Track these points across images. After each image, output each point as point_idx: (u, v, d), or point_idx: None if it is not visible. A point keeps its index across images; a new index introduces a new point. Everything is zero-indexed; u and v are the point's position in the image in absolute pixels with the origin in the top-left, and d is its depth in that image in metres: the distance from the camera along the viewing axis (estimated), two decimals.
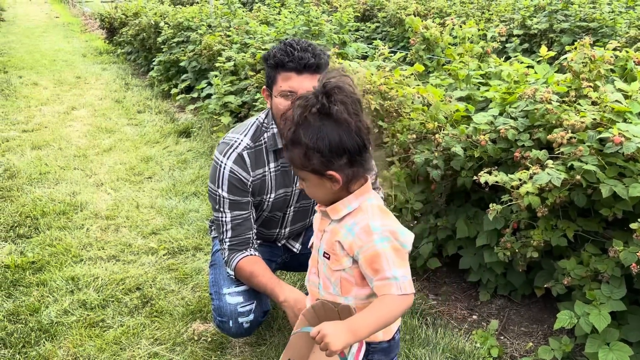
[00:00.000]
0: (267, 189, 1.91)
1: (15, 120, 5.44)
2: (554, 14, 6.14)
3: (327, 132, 1.24)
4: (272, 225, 2.06)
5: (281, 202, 1.97)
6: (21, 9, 18.80)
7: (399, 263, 1.26)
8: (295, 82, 1.72)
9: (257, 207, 1.96)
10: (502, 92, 2.55)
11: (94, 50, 10.08)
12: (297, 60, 1.70)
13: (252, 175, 1.87)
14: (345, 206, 1.32)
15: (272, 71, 1.77)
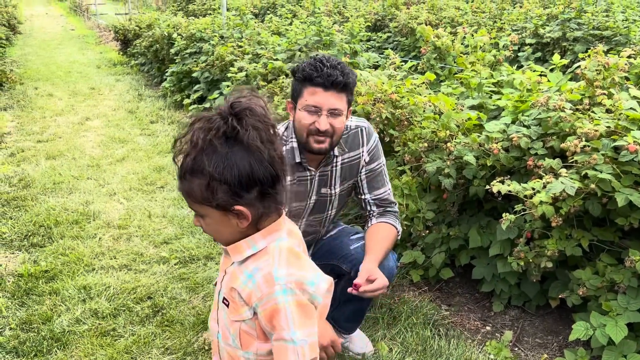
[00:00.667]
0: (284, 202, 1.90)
1: (30, 130, 5.51)
2: (567, 22, 6.10)
3: (236, 160, 1.06)
4: None
5: (295, 214, 1.96)
6: (38, 22, 19.12)
7: (302, 322, 1.09)
8: (321, 98, 1.72)
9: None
10: (514, 100, 2.53)
11: (108, 61, 10.20)
12: (326, 76, 1.70)
13: None
14: (250, 246, 1.14)
15: (299, 84, 1.78)
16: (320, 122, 1.74)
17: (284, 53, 5.12)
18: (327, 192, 1.96)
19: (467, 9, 8.51)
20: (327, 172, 1.94)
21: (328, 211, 2.04)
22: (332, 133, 1.77)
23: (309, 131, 1.77)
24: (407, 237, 2.81)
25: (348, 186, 2.01)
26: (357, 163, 1.97)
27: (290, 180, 1.80)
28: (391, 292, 2.64)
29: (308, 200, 1.95)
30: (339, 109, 1.75)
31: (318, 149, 1.80)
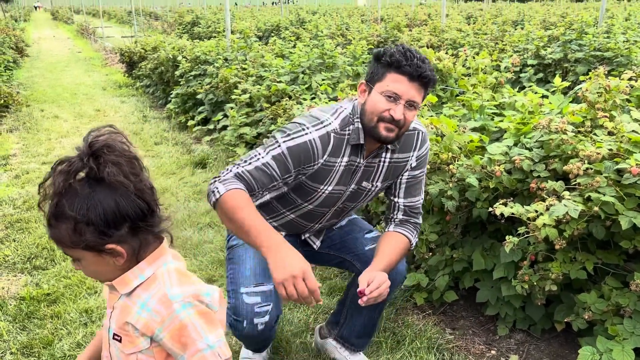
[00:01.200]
0: (328, 180, 1.83)
1: (35, 152, 5.55)
2: (568, 44, 6.15)
3: (100, 200, 1.04)
4: (313, 218, 1.97)
5: (333, 199, 1.89)
6: (45, 45, 19.39)
7: (210, 328, 1.10)
8: (404, 87, 1.67)
9: (309, 194, 1.86)
10: (516, 122, 2.53)
11: (114, 83, 10.31)
12: (415, 67, 1.66)
13: (324, 160, 1.78)
14: (136, 276, 1.12)
15: (382, 68, 1.71)
16: (396, 111, 1.68)
17: (288, 75, 5.17)
18: (366, 187, 1.91)
19: (468, 30, 8.59)
20: (373, 165, 1.87)
21: (359, 204, 2.00)
22: (402, 124, 1.72)
23: (382, 117, 1.70)
24: (410, 259, 2.80)
25: (386, 186, 1.97)
26: (403, 166, 1.91)
27: (346, 161, 1.81)
28: (394, 315, 2.62)
29: (348, 187, 1.88)
30: (417, 102, 1.71)
31: (385, 137, 1.72)
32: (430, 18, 16.36)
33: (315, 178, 1.82)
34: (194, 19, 20.08)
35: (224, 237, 3.48)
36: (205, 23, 18.20)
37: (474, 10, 22.93)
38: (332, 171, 1.81)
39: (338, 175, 1.83)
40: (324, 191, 1.85)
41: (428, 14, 18.36)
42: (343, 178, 1.84)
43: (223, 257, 3.20)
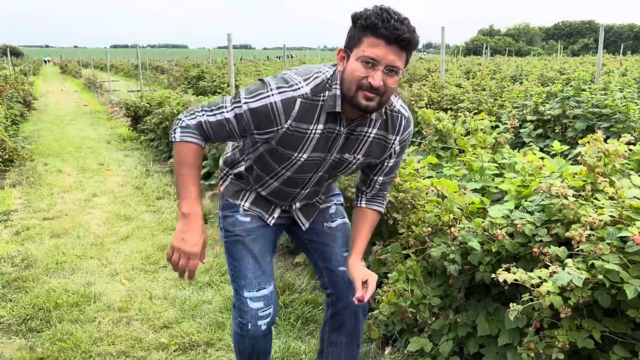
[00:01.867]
0: (303, 148, 1.77)
1: (37, 207, 5.55)
2: (566, 100, 6.24)
3: None
4: (295, 184, 1.94)
5: (311, 166, 1.85)
6: (53, 98, 19.79)
7: None
8: (381, 52, 1.57)
9: (285, 161, 1.82)
10: (516, 185, 2.53)
11: (118, 137, 10.44)
12: (392, 29, 1.55)
13: (288, 125, 1.70)
14: None
15: (359, 32, 1.61)
16: (375, 77, 1.59)
17: None
18: (348, 158, 1.86)
19: (467, 87, 8.75)
20: (358, 137, 1.82)
21: (338, 174, 2.00)
22: (383, 92, 1.63)
23: (360, 85, 1.62)
24: (413, 323, 2.73)
25: (367, 163, 1.92)
26: (385, 146, 1.87)
27: (322, 128, 1.75)
28: None
29: (328, 155, 1.83)
30: (397, 66, 1.60)
31: (365, 105, 1.65)
32: (430, 72, 16.73)
33: (285, 144, 1.76)
34: (200, 74, 20.57)
35: (224, 296, 3.43)
36: (210, 77, 18.62)
37: (473, 64, 23.47)
38: (304, 138, 1.74)
39: (313, 142, 1.76)
40: (299, 158, 1.80)
41: (428, 68, 18.79)
42: (321, 145, 1.78)
43: (223, 319, 3.14)
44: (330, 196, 2.23)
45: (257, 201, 2.04)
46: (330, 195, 2.23)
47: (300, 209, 2.12)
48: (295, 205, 2.09)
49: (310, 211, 2.15)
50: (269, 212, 2.06)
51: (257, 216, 2.04)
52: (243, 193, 2.03)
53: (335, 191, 2.27)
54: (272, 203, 2.06)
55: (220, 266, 3.90)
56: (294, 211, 2.11)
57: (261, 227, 2.04)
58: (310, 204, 2.14)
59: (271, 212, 2.06)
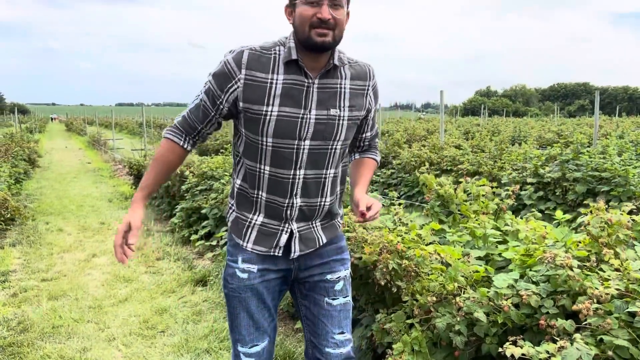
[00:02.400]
0: (269, 99, 1.79)
1: (36, 268, 5.50)
2: (566, 163, 6.31)
3: None
4: (285, 164, 1.85)
5: (291, 125, 1.80)
6: (57, 155, 20.02)
7: None
8: None
9: (259, 122, 1.81)
10: (520, 253, 2.53)
11: (120, 195, 10.49)
12: None
13: (244, 74, 1.78)
14: None
15: None
16: (322, 11, 1.71)
17: None
18: (336, 114, 1.84)
19: (467, 148, 8.87)
20: (334, 87, 1.85)
21: (335, 142, 1.87)
22: (334, 25, 1.73)
23: (311, 24, 1.72)
24: None
25: (355, 118, 1.90)
26: (363, 94, 1.92)
27: (283, 78, 1.78)
28: None
29: (307, 113, 1.80)
30: (340, 0, 1.74)
31: (322, 41, 1.73)
32: (429, 133, 16.99)
33: (251, 99, 1.80)
34: None
35: None
36: (214, 135, 18.90)
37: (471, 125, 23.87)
38: (266, 88, 1.78)
39: (278, 92, 1.79)
40: (271, 112, 1.79)
41: (427, 129, 19.11)
42: (291, 98, 1.79)
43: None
44: (338, 260, 2.07)
45: (260, 235, 1.94)
46: (339, 258, 2.07)
47: (300, 232, 1.95)
48: (294, 225, 1.94)
49: (310, 239, 1.98)
50: (275, 241, 1.94)
51: (258, 270, 1.96)
52: (246, 229, 1.95)
53: (345, 252, 2.12)
54: (275, 223, 1.93)
55: (219, 332, 3.83)
56: (294, 232, 1.95)
57: (260, 283, 1.97)
58: (311, 228, 1.98)
59: (277, 242, 1.94)
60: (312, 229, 1.98)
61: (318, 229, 2.00)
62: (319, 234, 2.00)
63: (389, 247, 2.70)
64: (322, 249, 2.04)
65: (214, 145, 17.75)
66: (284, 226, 1.93)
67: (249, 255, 1.95)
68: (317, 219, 1.98)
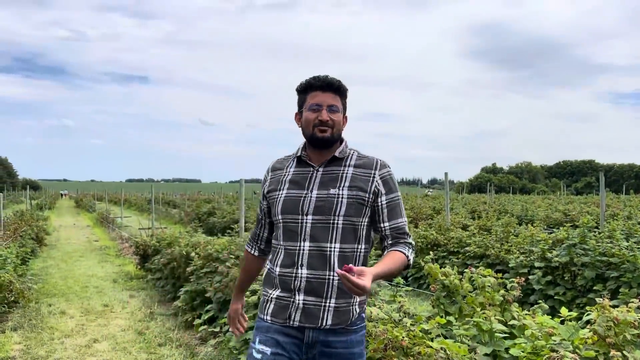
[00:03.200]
0: (281, 185, 2.23)
1: (36, 354, 5.39)
2: (573, 247, 6.27)
3: None
4: (293, 237, 2.14)
5: (294, 202, 2.15)
6: (64, 233, 20.12)
7: None
8: (321, 98, 2.15)
9: (274, 203, 2.22)
10: (527, 351, 2.47)
11: (125, 275, 10.43)
12: (322, 81, 2.16)
13: (270, 175, 2.30)
14: None
15: (302, 95, 2.22)
16: (322, 115, 2.13)
17: None
18: (335, 193, 2.11)
19: (473, 229, 8.86)
20: (336, 172, 2.17)
21: (336, 217, 2.09)
22: (332, 125, 2.15)
23: (314, 124, 2.15)
24: None
25: (356, 197, 2.11)
26: (367, 180, 2.16)
27: (294, 170, 2.23)
28: None
29: (308, 192, 2.15)
30: (335, 104, 2.16)
31: (322, 136, 2.14)
32: (435, 212, 17.02)
33: (271, 190, 2.26)
34: (211, 210, 21.06)
35: None
36: (221, 214, 19.04)
37: (478, 203, 23.92)
38: (280, 179, 2.25)
39: (287, 179, 2.22)
40: (281, 195, 2.20)
41: (433, 207, 19.15)
42: (297, 183, 2.19)
43: None
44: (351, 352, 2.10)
45: (276, 308, 2.14)
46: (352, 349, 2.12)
47: (305, 304, 2.08)
48: (300, 297, 2.09)
49: (313, 315, 2.07)
50: (288, 313, 2.11)
51: (271, 353, 2.09)
52: (266, 303, 2.20)
53: (356, 346, 2.13)
54: (286, 295, 2.12)
55: None
56: (298, 303, 2.09)
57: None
58: (322, 305, 2.07)
59: (289, 313, 2.10)
60: (322, 308, 2.09)
61: (330, 309, 2.08)
62: (326, 315, 2.08)
63: (393, 343, 2.65)
64: (331, 349, 2.10)
65: (220, 223, 17.83)
66: (293, 298, 2.11)
67: (265, 336, 2.13)
68: (331, 297, 2.08)
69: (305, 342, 2.10)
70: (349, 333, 2.11)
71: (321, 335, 2.09)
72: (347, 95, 2.24)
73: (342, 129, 2.23)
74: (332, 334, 2.09)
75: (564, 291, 6.21)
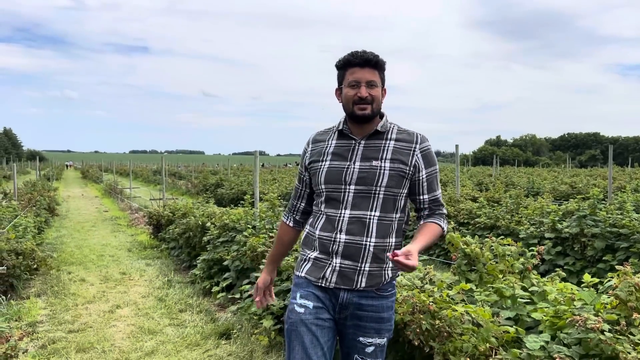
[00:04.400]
0: (323, 157, 2.29)
1: (62, 319, 5.59)
2: (583, 219, 6.38)
3: None
4: (335, 205, 2.23)
5: (337, 173, 2.22)
6: (74, 203, 20.33)
7: None
8: (359, 74, 2.19)
9: (316, 174, 2.29)
10: (550, 315, 2.60)
11: (139, 244, 10.62)
12: (360, 57, 2.19)
13: (310, 147, 2.36)
14: None
15: (341, 71, 2.27)
16: (361, 91, 2.18)
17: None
18: (377, 165, 2.19)
19: (483, 200, 8.97)
20: (378, 145, 2.23)
21: (377, 187, 2.18)
22: (371, 100, 2.19)
23: (354, 101, 2.20)
24: None
25: (398, 169, 2.20)
26: (408, 153, 2.23)
27: (336, 143, 2.29)
28: None
29: (351, 163, 2.22)
30: (374, 80, 2.20)
31: (362, 114, 2.20)
32: (442, 183, 17.11)
33: (313, 160, 2.33)
34: (218, 181, 21.19)
35: None
36: (229, 185, 19.17)
37: (484, 176, 23.98)
38: (322, 151, 2.31)
39: (330, 151, 2.29)
40: (324, 165, 2.27)
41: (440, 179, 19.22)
42: (340, 155, 2.25)
43: None
44: (374, 329, 2.22)
45: (312, 267, 2.27)
46: (376, 326, 2.22)
47: (342, 267, 2.20)
48: (337, 260, 2.20)
49: (348, 277, 2.19)
50: (322, 273, 2.23)
51: (313, 307, 2.21)
52: (304, 262, 2.32)
53: (385, 323, 2.25)
54: (324, 257, 2.23)
55: None
56: (335, 266, 2.21)
57: (314, 320, 2.21)
58: (357, 269, 2.18)
59: (323, 273, 2.22)
60: (357, 271, 2.20)
61: (364, 272, 2.20)
62: (360, 277, 2.20)
63: (420, 307, 2.79)
64: (362, 312, 2.22)
65: (229, 194, 17.99)
66: (330, 260, 2.22)
67: (305, 291, 2.25)
68: (366, 262, 2.20)
69: (340, 303, 2.22)
70: (380, 298, 2.23)
71: (354, 297, 2.20)
72: (385, 67, 2.28)
73: (382, 102, 2.28)
74: (365, 297, 2.21)
75: (574, 261, 6.35)
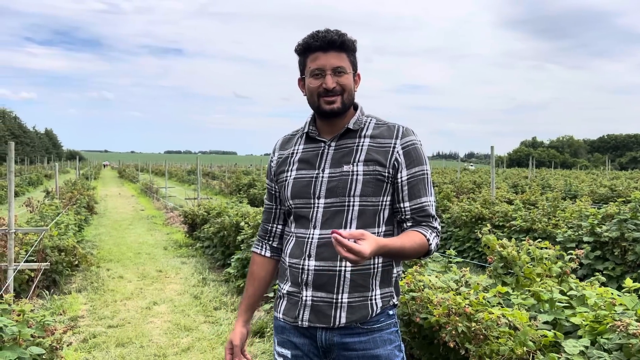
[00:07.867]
0: (289, 166, 1.91)
1: (102, 314, 5.76)
2: (624, 222, 6.22)
3: None
4: (304, 224, 1.84)
5: (305, 185, 1.83)
6: (111, 202, 20.87)
7: None
8: (323, 60, 1.78)
9: (283, 187, 1.91)
10: (589, 320, 2.56)
11: (174, 243, 10.84)
12: (322, 39, 1.77)
13: (277, 155, 1.98)
14: None
15: (301, 58, 1.86)
16: (327, 81, 1.78)
17: None
18: (349, 170, 1.79)
19: (518, 203, 8.82)
20: (350, 146, 1.83)
21: (351, 198, 1.77)
22: (341, 91, 1.80)
23: (319, 94, 1.80)
24: None
25: (373, 172, 1.78)
26: (386, 151, 1.80)
27: (303, 148, 1.91)
28: None
29: (319, 172, 1.83)
30: (341, 66, 1.79)
31: (330, 109, 1.80)
32: (477, 186, 16.89)
33: (279, 171, 1.94)
34: (251, 182, 21.43)
35: None
36: (262, 186, 19.35)
37: (519, 178, 23.56)
38: (287, 159, 1.93)
39: (296, 159, 1.90)
40: (290, 176, 1.88)
41: (473, 181, 18.99)
42: (307, 162, 1.87)
43: None
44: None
45: (287, 305, 1.87)
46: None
47: (314, 301, 1.80)
48: (308, 292, 1.80)
49: (322, 312, 1.79)
50: (297, 311, 1.83)
51: (291, 355, 1.89)
52: (279, 299, 1.93)
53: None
54: (296, 290, 1.83)
55: None
56: (305, 299, 1.82)
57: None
58: (333, 302, 1.78)
59: (299, 311, 1.82)
60: (333, 304, 1.78)
61: (342, 305, 1.78)
62: (338, 312, 1.78)
63: (456, 309, 2.78)
64: (349, 352, 1.80)
65: (261, 194, 18.16)
66: (301, 293, 1.82)
67: (281, 338, 1.91)
68: (342, 292, 1.77)
69: (320, 345, 1.82)
70: (370, 332, 1.79)
71: (335, 336, 1.79)
72: (356, 48, 1.85)
73: (355, 92, 1.86)
74: (349, 334, 1.79)
75: (613, 266, 6.19)
